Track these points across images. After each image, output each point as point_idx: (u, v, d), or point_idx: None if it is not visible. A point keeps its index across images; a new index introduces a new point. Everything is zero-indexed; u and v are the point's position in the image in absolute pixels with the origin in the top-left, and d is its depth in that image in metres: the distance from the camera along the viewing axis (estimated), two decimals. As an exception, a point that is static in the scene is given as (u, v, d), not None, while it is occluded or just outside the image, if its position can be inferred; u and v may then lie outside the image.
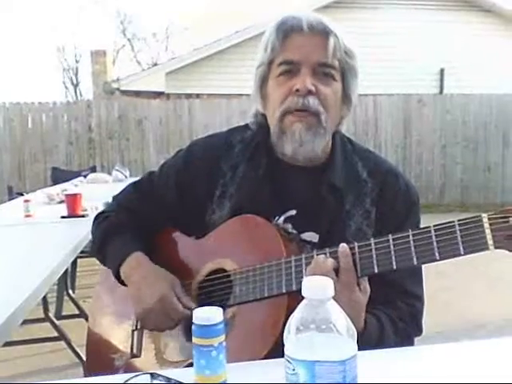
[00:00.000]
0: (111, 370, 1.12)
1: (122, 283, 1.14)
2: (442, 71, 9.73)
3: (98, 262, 1.25)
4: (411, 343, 1.07)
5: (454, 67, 9.46)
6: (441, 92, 9.63)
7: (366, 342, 0.93)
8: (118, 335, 1.18)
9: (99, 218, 1.26)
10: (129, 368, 1.09)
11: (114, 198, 1.29)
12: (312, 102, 1.03)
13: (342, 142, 1.14)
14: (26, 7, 27.87)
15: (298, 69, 1.03)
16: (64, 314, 3.26)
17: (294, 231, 1.08)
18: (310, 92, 1.02)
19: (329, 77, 1.04)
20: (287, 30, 1.04)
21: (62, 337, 2.74)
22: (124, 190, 1.28)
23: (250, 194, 1.10)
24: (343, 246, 0.92)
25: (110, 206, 1.28)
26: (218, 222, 1.12)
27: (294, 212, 1.09)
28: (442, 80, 9.77)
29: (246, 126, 1.19)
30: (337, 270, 0.91)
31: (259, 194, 1.09)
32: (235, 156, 1.15)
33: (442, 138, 8.86)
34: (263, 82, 1.08)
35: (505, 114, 8.86)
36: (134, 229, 1.18)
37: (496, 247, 0.82)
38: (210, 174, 1.14)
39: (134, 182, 1.28)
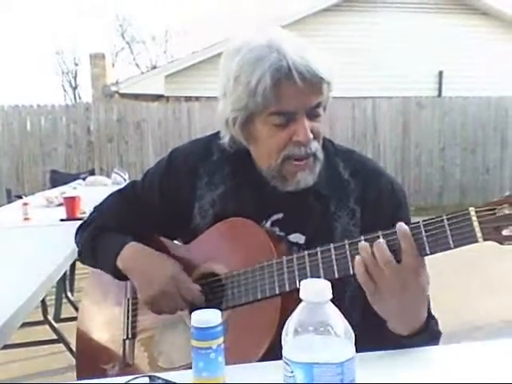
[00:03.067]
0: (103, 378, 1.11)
1: (120, 277, 1.13)
2: (440, 74, 9.76)
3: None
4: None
5: (452, 70, 9.48)
6: (439, 95, 9.66)
7: (428, 335, 0.93)
8: (109, 345, 1.17)
9: (83, 226, 1.24)
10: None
11: (97, 207, 1.27)
12: (313, 146, 1.02)
13: (323, 145, 1.11)
14: (24, 11, 27.91)
15: (292, 117, 1.00)
16: (63, 316, 3.25)
17: (282, 233, 1.08)
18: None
19: (319, 114, 1.03)
20: (277, 82, 0.96)
21: (60, 339, 2.74)
22: (107, 199, 1.26)
23: (234, 202, 1.09)
24: (401, 226, 0.86)
25: (93, 215, 1.26)
26: (203, 229, 1.11)
27: (280, 215, 1.09)
28: (440, 82, 9.80)
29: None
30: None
31: (243, 201, 1.09)
32: (213, 163, 1.14)
33: (441, 140, 8.88)
34: (247, 122, 1.03)
35: (503, 116, 8.90)
36: (120, 233, 1.17)
37: (485, 239, 0.83)
38: (190, 178, 1.14)
39: (118, 191, 1.26)
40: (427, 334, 0.93)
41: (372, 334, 1.05)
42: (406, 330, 0.91)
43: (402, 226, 0.86)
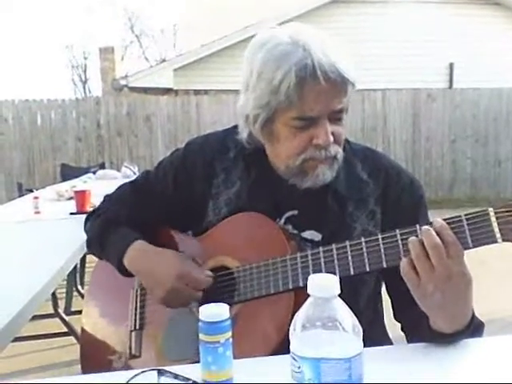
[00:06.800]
0: (108, 371, 1.10)
1: (125, 274, 1.13)
2: (451, 65, 9.66)
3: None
4: None
5: (463, 61, 9.38)
6: (450, 86, 9.57)
7: (477, 326, 0.91)
8: (116, 336, 1.17)
9: (93, 215, 1.24)
10: (128, 369, 1.07)
11: (108, 196, 1.27)
12: (333, 149, 1.01)
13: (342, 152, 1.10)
14: (34, 5, 28.00)
15: (314, 121, 0.99)
16: (73, 309, 3.28)
17: (295, 231, 1.08)
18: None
19: (341, 118, 1.02)
20: (301, 81, 0.95)
21: (71, 332, 2.76)
22: (119, 188, 1.26)
23: (249, 200, 1.09)
24: (439, 222, 0.85)
25: (104, 205, 1.26)
26: (216, 224, 1.11)
27: (295, 212, 1.09)
28: (451, 74, 9.70)
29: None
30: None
31: (258, 198, 1.08)
32: (229, 160, 1.14)
33: (452, 132, 8.80)
34: (268, 121, 1.02)
35: (515, 108, 8.79)
36: (131, 224, 1.17)
37: (504, 240, 0.84)
38: (205, 173, 1.14)
39: (130, 182, 1.27)
40: (470, 331, 0.91)
41: (408, 337, 1.05)
42: (451, 328, 0.88)
43: (439, 221, 0.85)
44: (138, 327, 1.14)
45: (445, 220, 0.86)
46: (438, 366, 0.84)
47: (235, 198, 1.11)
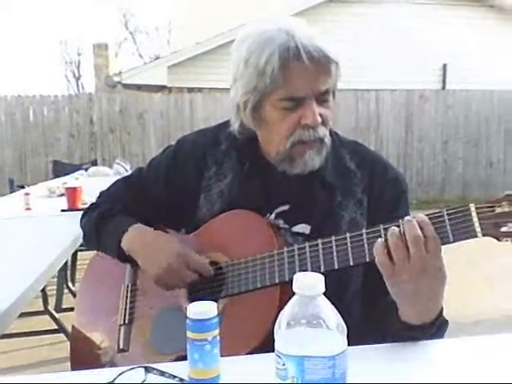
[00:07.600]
0: (97, 366, 1.10)
1: (124, 259, 1.14)
2: (444, 67, 9.70)
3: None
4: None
5: (456, 63, 9.42)
6: (443, 87, 9.61)
7: (437, 328, 0.92)
8: (104, 332, 1.18)
9: (89, 211, 1.26)
10: (115, 364, 1.09)
11: (102, 193, 1.29)
12: (321, 131, 1.03)
13: (329, 136, 1.13)
14: (29, 0, 27.81)
15: (302, 101, 1.01)
16: (64, 306, 3.27)
17: (286, 226, 1.09)
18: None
19: (328, 100, 1.04)
20: (285, 62, 0.97)
21: (61, 329, 2.75)
22: (112, 185, 1.28)
23: (241, 194, 1.10)
24: (421, 216, 0.87)
25: (100, 200, 1.27)
26: (209, 219, 1.13)
27: (286, 207, 1.10)
28: (444, 75, 9.74)
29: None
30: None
31: (250, 193, 1.10)
32: (221, 152, 1.15)
33: (444, 133, 8.85)
34: (257, 106, 1.04)
35: (507, 110, 8.85)
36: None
37: (484, 234, 0.86)
38: (197, 168, 1.15)
39: (124, 178, 1.28)
40: (436, 326, 0.92)
41: (374, 328, 1.05)
42: (419, 319, 0.90)
43: (421, 215, 0.87)
44: (127, 322, 1.15)
45: (427, 215, 0.87)
46: (428, 365, 0.84)
47: (227, 191, 1.12)
